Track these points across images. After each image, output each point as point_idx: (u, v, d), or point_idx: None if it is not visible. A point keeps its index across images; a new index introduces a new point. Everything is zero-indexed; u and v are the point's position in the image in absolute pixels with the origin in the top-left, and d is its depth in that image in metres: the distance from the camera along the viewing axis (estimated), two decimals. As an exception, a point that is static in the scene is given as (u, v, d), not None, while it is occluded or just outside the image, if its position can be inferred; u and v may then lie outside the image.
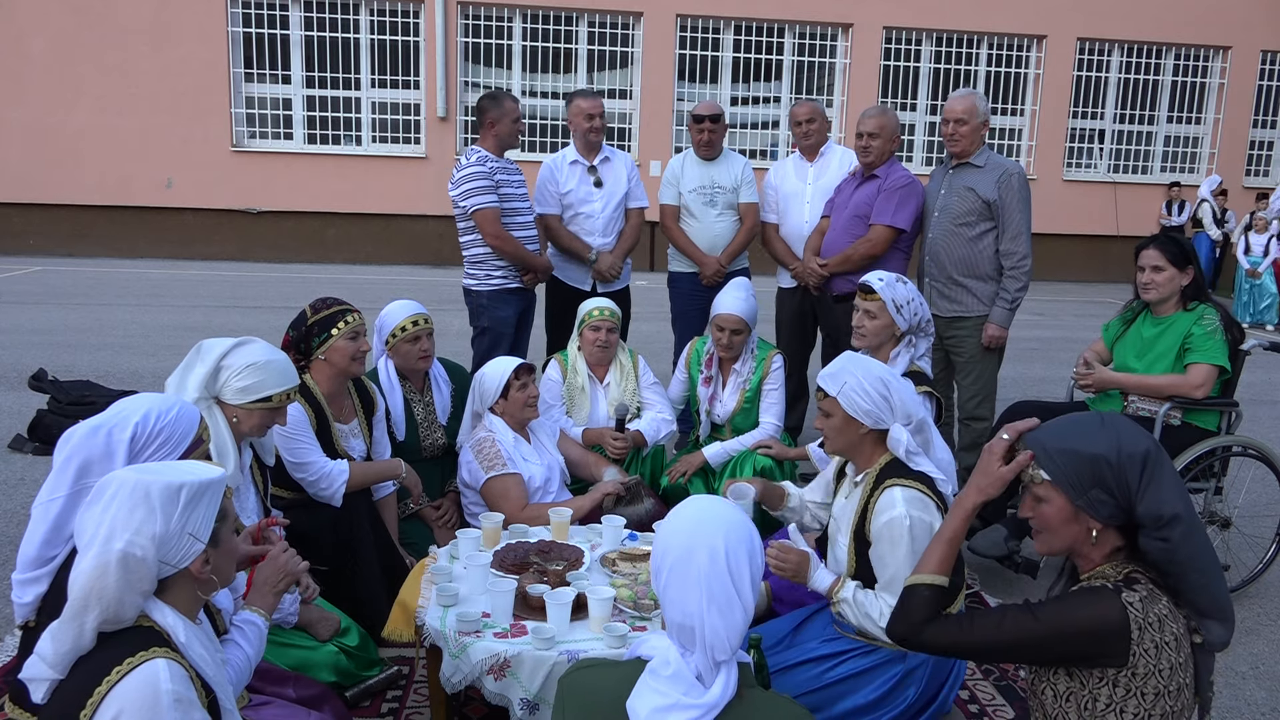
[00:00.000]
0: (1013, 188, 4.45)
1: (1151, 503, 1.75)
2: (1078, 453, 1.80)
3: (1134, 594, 1.76)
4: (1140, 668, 1.73)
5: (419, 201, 14.10)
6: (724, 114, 5.28)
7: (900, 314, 3.54)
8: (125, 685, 1.62)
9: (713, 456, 4.13)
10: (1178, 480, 1.79)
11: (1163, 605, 1.77)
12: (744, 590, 1.70)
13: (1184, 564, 1.76)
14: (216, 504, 1.78)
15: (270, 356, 2.75)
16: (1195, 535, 1.76)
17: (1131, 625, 1.72)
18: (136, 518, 1.67)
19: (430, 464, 3.94)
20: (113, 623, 1.67)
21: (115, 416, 2.08)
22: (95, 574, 1.65)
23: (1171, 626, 1.76)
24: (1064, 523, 1.85)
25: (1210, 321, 3.76)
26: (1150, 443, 1.79)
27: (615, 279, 5.17)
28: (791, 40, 14.75)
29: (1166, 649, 1.74)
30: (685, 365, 4.42)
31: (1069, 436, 1.83)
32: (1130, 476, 1.77)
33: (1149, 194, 15.57)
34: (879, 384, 2.58)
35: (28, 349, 7.68)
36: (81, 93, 13.46)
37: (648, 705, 1.67)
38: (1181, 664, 1.76)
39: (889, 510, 2.46)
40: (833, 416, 2.63)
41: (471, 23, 14.20)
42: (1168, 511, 1.74)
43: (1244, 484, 4.35)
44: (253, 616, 2.19)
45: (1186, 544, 1.74)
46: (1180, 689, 1.76)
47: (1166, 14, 15.00)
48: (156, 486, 1.69)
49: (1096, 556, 1.86)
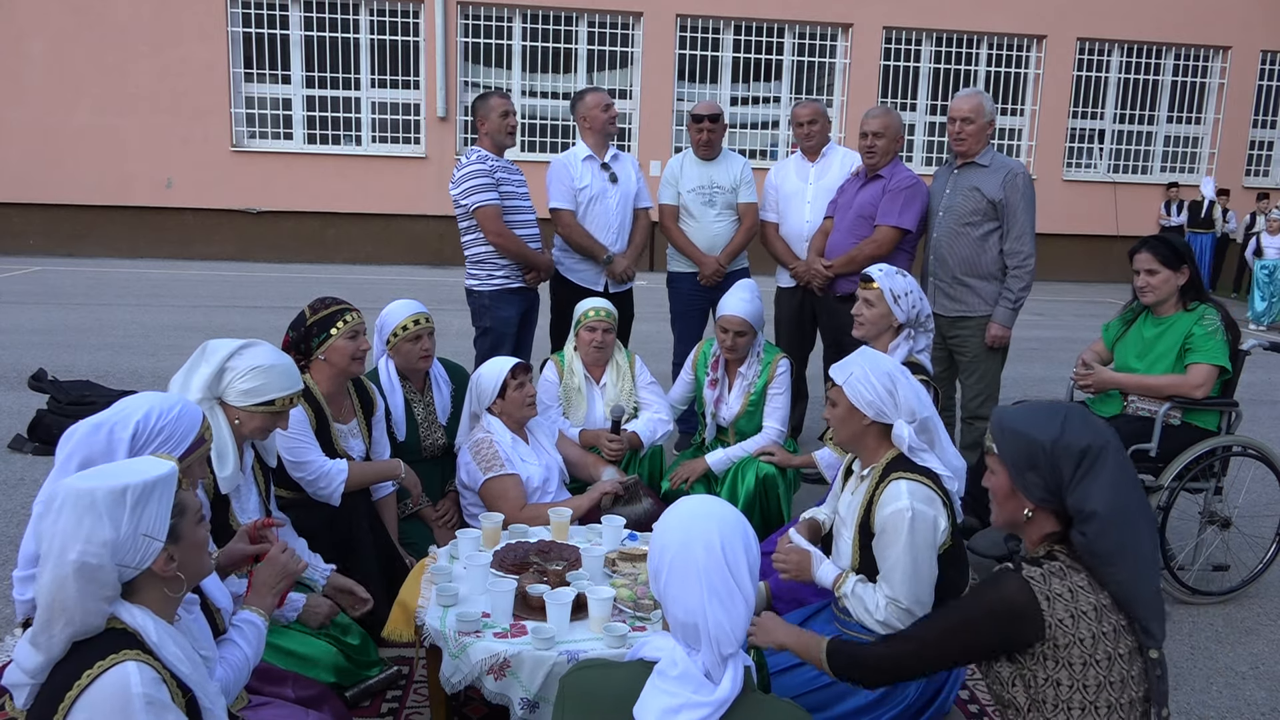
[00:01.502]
0: (1018, 187, 4.46)
1: (1079, 496, 1.84)
2: (1021, 434, 1.90)
3: (1035, 569, 1.85)
4: (1060, 638, 1.81)
5: (419, 201, 14.10)
6: (723, 114, 5.27)
7: (898, 304, 3.54)
8: (96, 689, 1.62)
9: (715, 463, 4.12)
10: (1117, 481, 1.84)
11: (1078, 579, 1.85)
12: (743, 580, 1.72)
13: (1102, 558, 1.84)
14: (169, 500, 1.74)
15: (275, 360, 2.75)
16: (1114, 534, 1.83)
17: (1037, 597, 1.81)
18: (85, 526, 1.64)
19: (430, 464, 3.93)
20: (82, 631, 1.66)
21: (118, 414, 2.09)
22: (54, 587, 1.64)
23: (1089, 598, 1.83)
24: (1005, 497, 1.97)
25: (1211, 321, 3.75)
26: (1095, 440, 1.85)
27: (629, 280, 5.17)
28: (791, 40, 14.75)
29: (1085, 618, 1.81)
30: (692, 367, 4.41)
31: (1023, 419, 1.93)
32: (1064, 467, 1.85)
33: (1149, 194, 15.58)
34: (885, 378, 2.61)
35: (28, 349, 7.69)
36: (81, 93, 13.46)
37: (657, 707, 1.67)
38: (1106, 634, 1.82)
39: (894, 502, 2.47)
40: (838, 406, 2.67)
41: (471, 23, 14.20)
42: (1088, 507, 1.83)
43: (1244, 484, 4.35)
44: (252, 616, 2.19)
45: (1103, 540, 1.83)
46: (1111, 659, 1.82)
47: (1166, 14, 15.00)
48: (101, 492, 1.66)
49: (1034, 536, 1.96)
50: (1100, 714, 1.83)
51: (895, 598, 2.44)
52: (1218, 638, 3.68)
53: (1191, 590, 3.93)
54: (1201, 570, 4.05)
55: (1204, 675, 3.40)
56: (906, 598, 2.43)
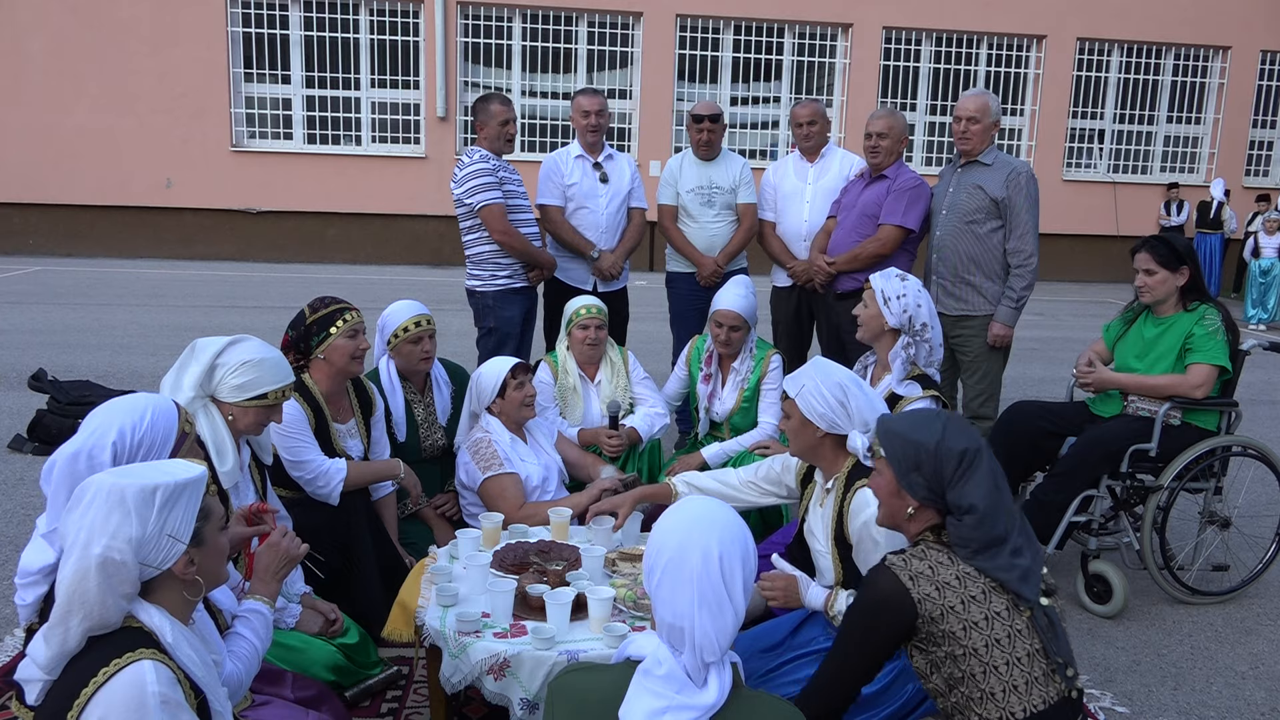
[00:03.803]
0: (1021, 187, 4.46)
1: (959, 493, 2.00)
2: (906, 438, 2.06)
3: (898, 555, 2.01)
4: (932, 610, 1.94)
5: (419, 201, 14.10)
6: (723, 114, 5.27)
7: (888, 307, 3.46)
8: (112, 687, 1.62)
9: (711, 457, 4.12)
10: (989, 479, 2.01)
11: (938, 555, 1.99)
12: (735, 593, 1.71)
13: (975, 547, 1.98)
14: (196, 503, 1.75)
15: (265, 354, 2.75)
16: (988, 526, 1.98)
17: (900, 578, 1.95)
18: (113, 522, 1.66)
19: (429, 465, 3.93)
20: (99, 626, 1.66)
21: (89, 439, 2.03)
22: (76, 579, 1.64)
23: (950, 569, 1.97)
24: (889, 495, 2.11)
25: (1212, 321, 3.75)
26: (971, 444, 2.02)
27: (616, 278, 5.17)
28: (791, 40, 14.75)
29: (949, 588, 1.95)
30: (685, 363, 4.42)
31: (908, 424, 2.09)
32: (945, 468, 2.01)
33: (1149, 194, 15.57)
34: (837, 389, 2.62)
35: (28, 349, 7.69)
36: (80, 93, 13.46)
37: (643, 708, 1.67)
38: (975, 597, 1.95)
39: (863, 511, 2.47)
40: (791, 418, 2.71)
41: (471, 23, 14.20)
42: (966, 502, 1.98)
43: (1244, 484, 4.35)
44: (257, 605, 2.19)
45: (978, 531, 1.97)
46: (989, 619, 1.94)
47: (1166, 14, 15.00)
48: (131, 490, 1.68)
49: (914, 530, 2.11)
50: (1002, 673, 1.94)
51: None
52: (1218, 638, 3.68)
53: (1191, 590, 3.93)
54: (1201, 570, 4.05)
55: (1204, 675, 3.39)
56: None
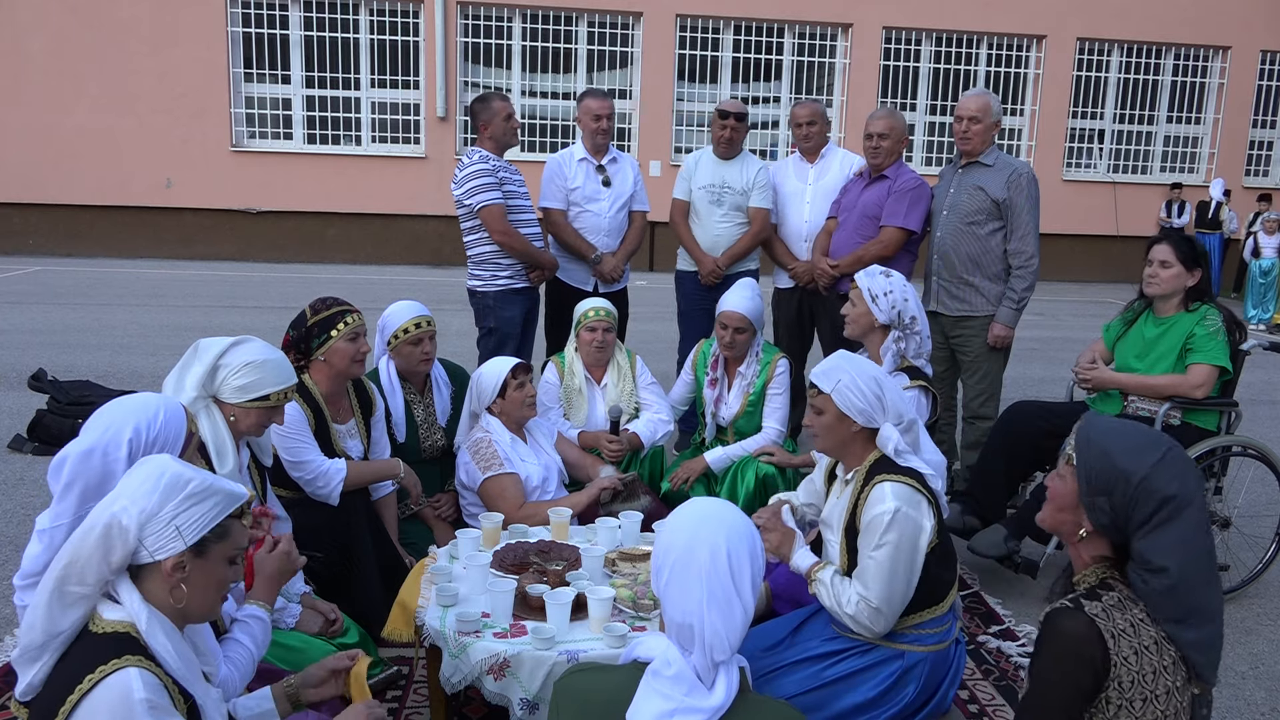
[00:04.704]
0: (1022, 187, 4.46)
1: (1148, 544, 1.73)
2: (1107, 456, 1.77)
3: (1096, 604, 1.74)
4: (1125, 676, 1.71)
5: (419, 201, 14.10)
6: (748, 114, 5.24)
7: (875, 304, 3.51)
8: (98, 694, 1.62)
9: (715, 462, 4.12)
10: (1190, 539, 1.72)
11: (1137, 612, 1.76)
12: (744, 590, 1.71)
13: (1167, 614, 1.74)
14: (219, 515, 1.76)
15: (267, 355, 2.75)
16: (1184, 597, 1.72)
17: (1104, 634, 1.70)
18: (143, 491, 1.71)
19: (429, 465, 3.93)
20: (76, 583, 1.68)
21: (104, 436, 2.04)
22: (83, 531, 1.70)
23: (1150, 630, 1.74)
24: (1065, 507, 1.86)
25: (1213, 322, 3.75)
26: (1183, 491, 1.72)
27: (617, 280, 5.17)
28: (791, 40, 14.75)
29: (1147, 654, 1.72)
30: (691, 367, 4.41)
31: (1116, 440, 1.79)
32: (1138, 509, 1.73)
33: (1149, 194, 15.57)
34: (873, 383, 2.60)
35: (28, 349, 7.68)
36: (80, 93, 13.45)
37: (652, 710, 1.67)
38: (1167, 668, 1.74)
39: (879, 504, 2.47)
40: (825, 414, 2.64)
41: (471, 23, 14.20)
42: (1157, 562, 1.72)
43: (1244, 484, 4.35)
44: (256, 610, 2.19)
45: (1171, 601, 1.73)
46: (1170, 693, 1.73)
47: (1166, 14, 15.00)
48: (172, 471, 1.74)
49: (1085, 555, 1.86)
50: None
51: (866, 595, 2.46)
52: (1218, 638, 3.68)
53: (1192, 590, 3.91)
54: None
55: (1204, 675, 3.39)
56: (878, 597, 2.45)
